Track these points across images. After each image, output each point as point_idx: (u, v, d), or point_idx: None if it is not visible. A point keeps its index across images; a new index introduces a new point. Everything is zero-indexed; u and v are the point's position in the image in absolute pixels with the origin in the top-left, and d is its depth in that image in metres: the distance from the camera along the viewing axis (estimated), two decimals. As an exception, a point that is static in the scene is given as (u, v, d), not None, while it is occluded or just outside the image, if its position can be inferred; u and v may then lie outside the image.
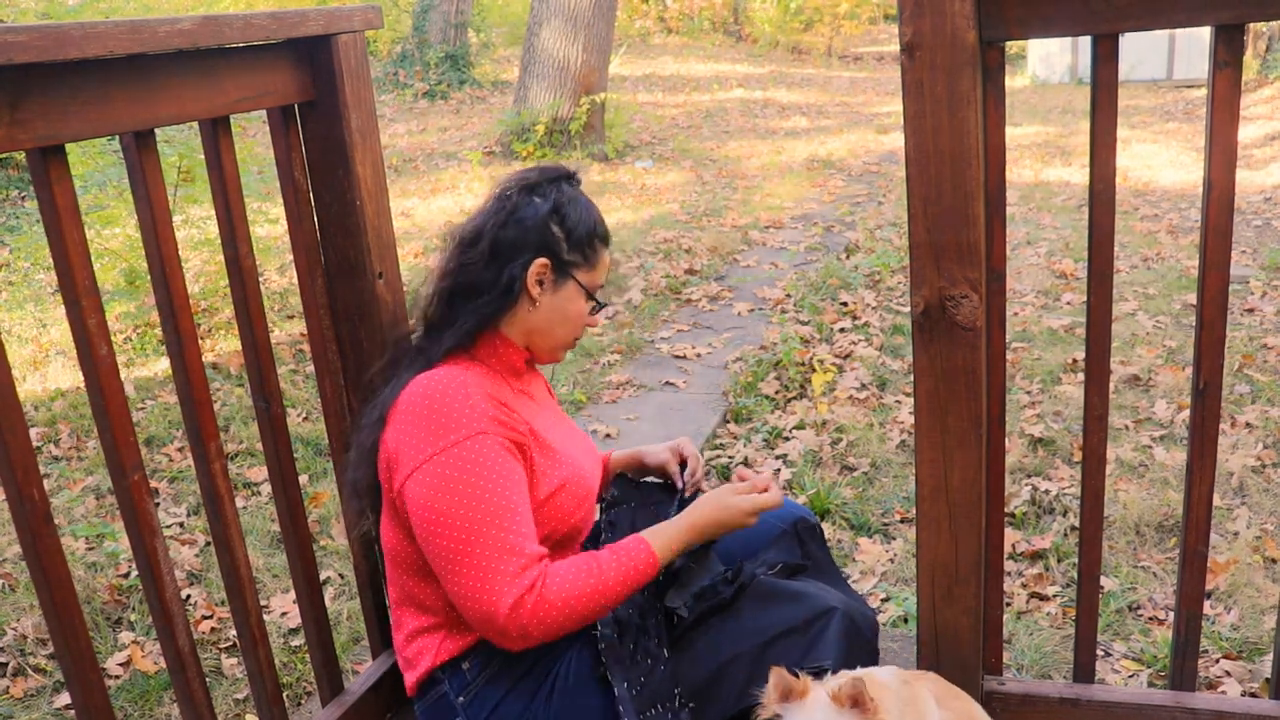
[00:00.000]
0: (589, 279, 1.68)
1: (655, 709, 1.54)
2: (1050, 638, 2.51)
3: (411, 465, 1.50)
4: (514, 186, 1.67)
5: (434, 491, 1.48)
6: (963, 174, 1.50)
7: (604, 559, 1.53)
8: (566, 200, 1.66)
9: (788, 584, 1.70)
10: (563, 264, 1.65)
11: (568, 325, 1.69)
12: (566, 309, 1.67)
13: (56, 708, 2.45)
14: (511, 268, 1.62)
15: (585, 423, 3.97)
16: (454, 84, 12.87)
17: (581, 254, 1.66)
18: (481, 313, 1.62)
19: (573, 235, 1.65)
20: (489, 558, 1.45)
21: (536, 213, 1.63)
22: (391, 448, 1.55)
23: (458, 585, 1.47)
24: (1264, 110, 10.61)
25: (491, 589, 1.44)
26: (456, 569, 1.47)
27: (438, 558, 1.49)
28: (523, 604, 1.44)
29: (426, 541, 1.50)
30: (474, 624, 1.49)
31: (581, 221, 1.66)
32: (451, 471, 1.48)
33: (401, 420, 1.54)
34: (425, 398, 1.53)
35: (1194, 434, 1.64)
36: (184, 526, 3.26)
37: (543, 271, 1.63)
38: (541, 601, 1.45)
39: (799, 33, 20.24)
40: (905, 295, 5.34)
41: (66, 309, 1.35)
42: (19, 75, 1.21)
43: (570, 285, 1.66)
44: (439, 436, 1.50)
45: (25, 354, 4.69)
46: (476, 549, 1.46)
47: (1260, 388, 3.86)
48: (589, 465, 1.75)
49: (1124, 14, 1.45)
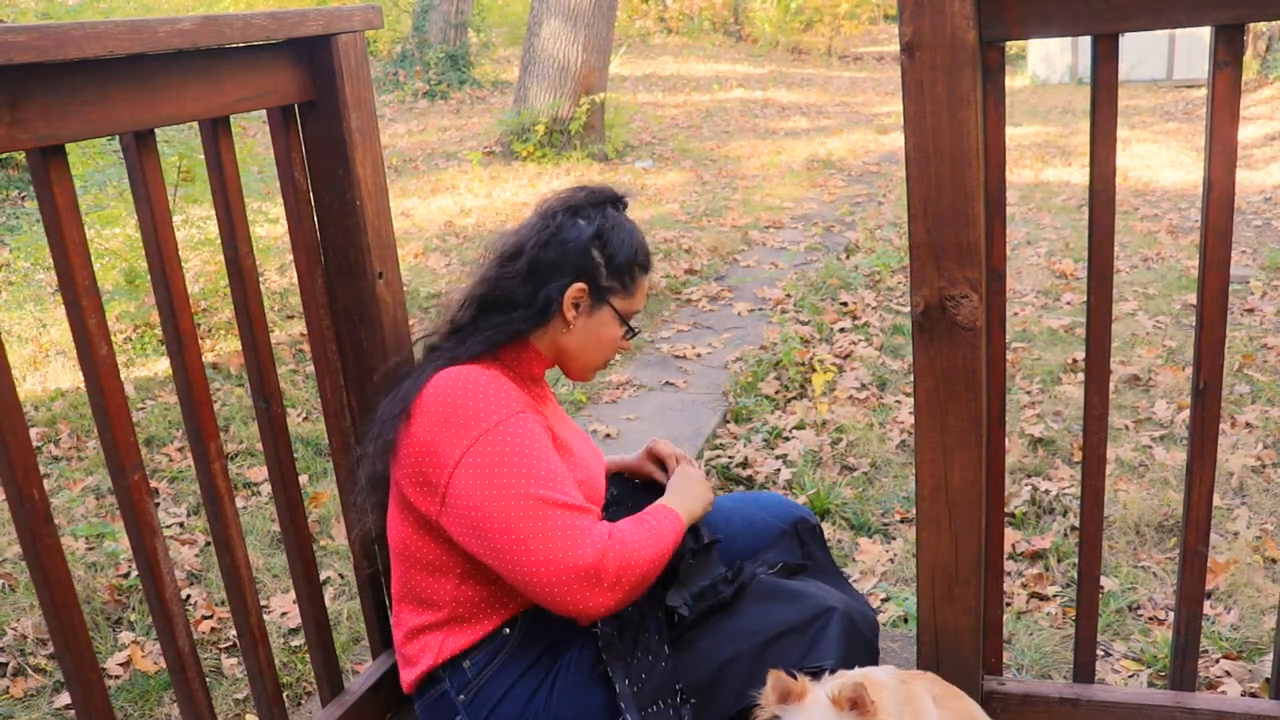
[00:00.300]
0: (625, 306, 1.68)
1: (657, 705, 1.54)
2: (1050, 638, 2.51)
3: (455, 457, 1.49)
4: (560, 206, 1.67)
5: (484, 476, 1.47)
6: (963, 174, 1.50)
7: (652, 521, 1.56)
8: (610, 226, 1.65)
9: (788, 584, 1.71)
10: (600, 290, 1.65)
11: (600, 349, 1.69)
12: (600, 333, 1.67)
13: (56, 708, 2.45)
14: (549, 289, 1.61)
15: (585, 423, 3.97)
16: (454, 84, 12.87)
17: (620, 281, 1.66)
18: (514, 327, 1.62)
19: (613, 262, 1.64)
20: (558, 520, 1.44)
21: (580, 236, 1.63)
22: (424, 445, 1.53)
23: (530, 562, 1.43)
24: (1264, 110, 10.61)
25: (571, 547, 1.43)
26: (526, 544, 1.43)
27: (502, 542, 1.45)
28: (608, 554, 1.44)
29: (486, 526, 1.46)
30: (557, 596, 1.44)
31: (623, 248, 1.65)
32: (498, 452, 1.47)
33: (431, 416, 1.53)
34: (454, 391, 1.53)
35: (1194, 434, 1.64)
36: (184, 526, 3.26)
37: (580, 296, 1.63)
38: (623, 550, 1.46)
39: (799, 33, 20.25)
40: (905, 295, 5.34)
41: (66, 309, 1.35)
42: (19, 75, 1.21)
43: (606, 311, 1.66)
44: (476, 423, 1.49)
45: (25, 354, 4.69)
46: (543, 518, 1.44)
47: (1260, 388, 3.86)
48: (597, 468, 1.76)
49: (1124, 14, 1.45)
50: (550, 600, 1.44)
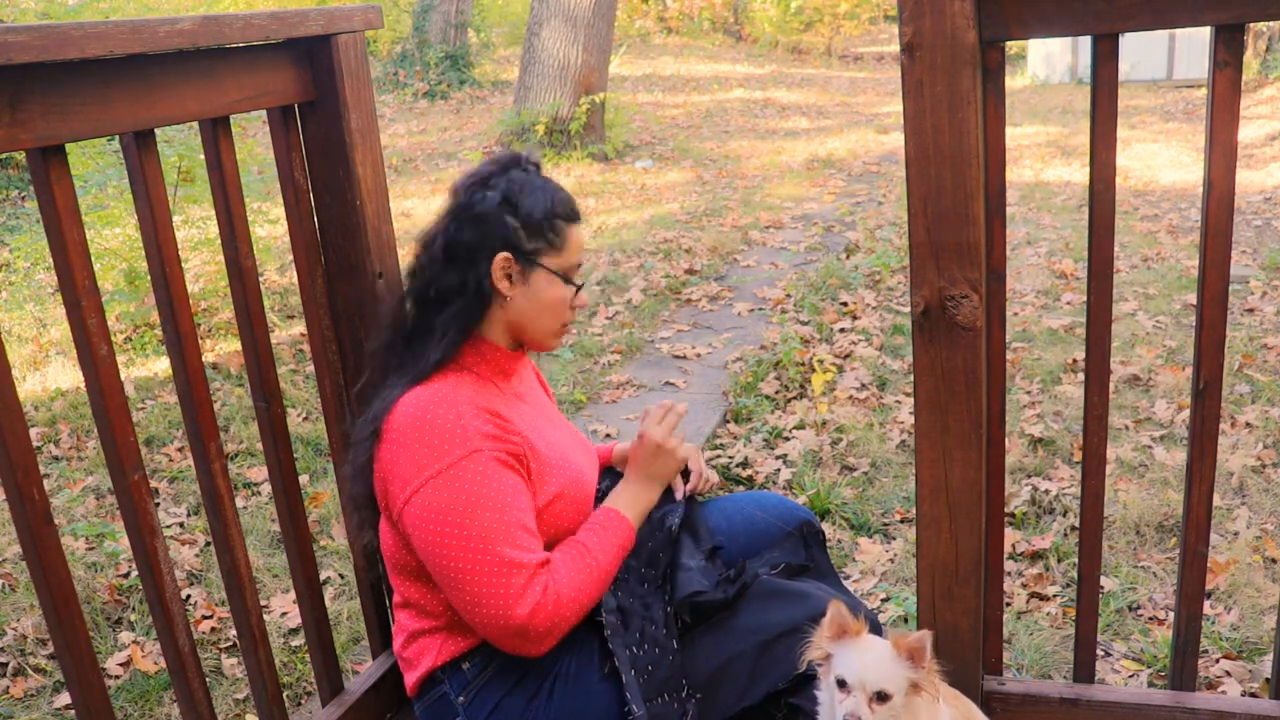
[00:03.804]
0: (559, 262, 1.62)
1: (662, 698, 1.55)
2: (1050, 638, 2.51)
3: (409, 490, 1.50)
4: (464, 183, 1.63)
5: (432, 515, 1.48)
6: (963, 174, 1.50)
7: (592, 543, 1.59)
8: (517, 188, 1.59)
9: (790, 584, 1.71)
10: (525, 254, 1.59)
11: (549, 313, 1.64)
12: (542, 297, 1.62)
13: (56, 708, 2.45)
14: (476, 268, 1.58)
15: (585, 423, 3.96)
16: (454, 84, 12.87)
17: (544, 239, 1.60)
18: (460, 321, 1.59)
19: (530, 221, 1.59)
20: (495, 576, 1.47)
21: (489, 205, 1.58)
22: (387, 469, 1.55)
23: (468, 604, 1.49)
24: (1264, 110, 10.61)
25: (504, 604, 1.47)
26: (465, 589, 1.48)
27: (444, 579, 1.51)
28: (539, 611, 1.48)
29: (431, 563, 1.51)
30: (491, 638, 1.52)
31: (536, 206, 1.59)
32: (448, 495, 1.48)
33: (395, 441, 1.53)
34: (416, 419, 1.52)
35: (1194, 434, 1.64)
36: (184, 526, 3.26)
37: (506, 265, 1.59)
38: (556, 603, 1.50)
39: (799, 33, 20.25)
40: (905, 295, 5.34)
41: (66, 309, 1.35)
42: (19, 75, 1.21)
43: (540, 273, 1.61)
44: (433, 460, 1.49)
45: (25, 354, 4.69)
46: (482, 570, 1.47)
47: (1260, 388, 3.86)
48: (586, 467, 1.75)
49: (1124, 14, 1.45)
50: (487, 638, 1.54)
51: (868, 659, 1.40)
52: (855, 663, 1.40)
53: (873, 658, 1.41)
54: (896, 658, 1.40)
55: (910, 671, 1.40)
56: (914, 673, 1.40)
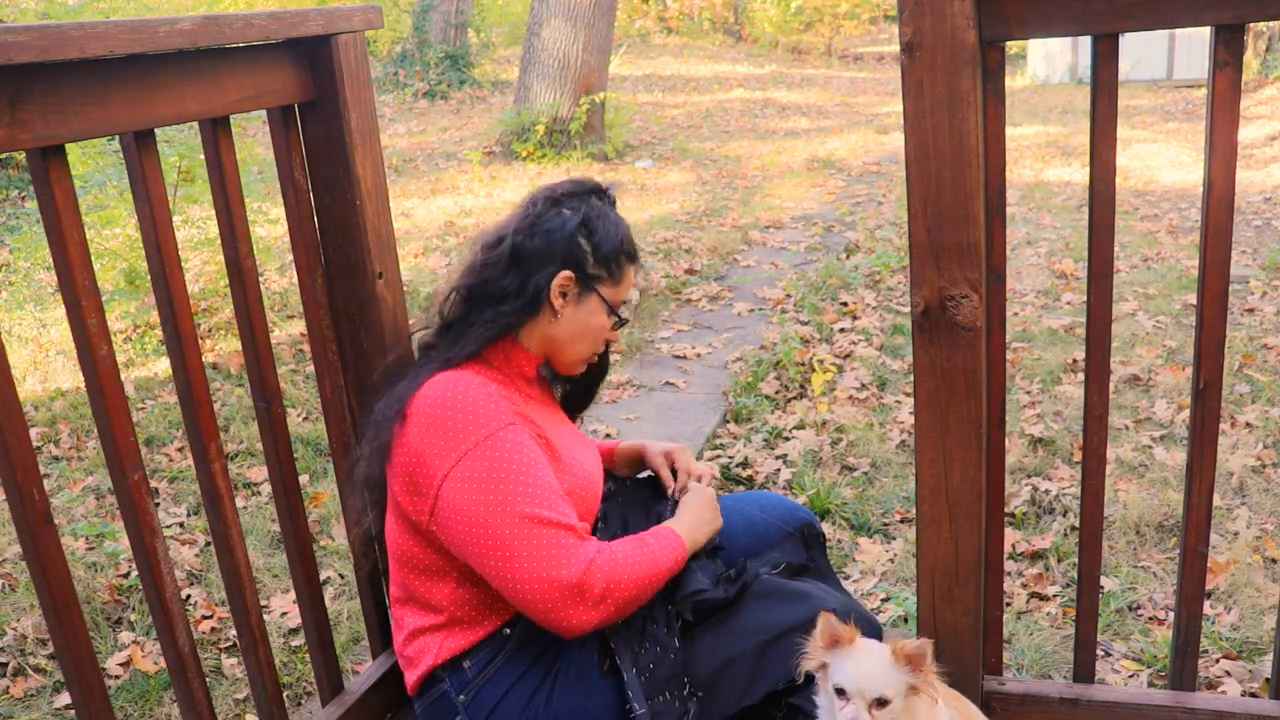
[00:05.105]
0: (612, 294, 1.69)
1: (664, 696, 1.55)
2: (1050, 638, 2.51)
3: (444, 469, 1.50)
4: (541, 195, 1.69)
5: (474, 486, 1.48)
6: (963, 174, 1.50)
7: (651, 541, 1.57)
8: (596, 215, 1.66)
9: (790, 584, 1.71)
10: (587, 278, 1.65)
11: (588, 338, 1.70)
12: (588, 322, 1.68)
13: (56, 708, 2.45)
14: (537, 278, 1.62)
15: (585, 423, 3.97)
16: (454, 84, 12.87)
17: (607, 269, 1.67)
18: (504, 320, 1.63)
19: (600, 250, 1.65)
20: (545, 536, 1.46)
21: (565, 224, 1.64)
22: (417, 450, 1.53)
23: (516, 573, 1.46)
24: (1264, 110, 10.61)
25: (556, 563, 1.45)
26: (513, 555, 1.46)
27: (489, 551, 1.47)
28: (594, 570, 1.46)
29: (473, 539, 1.48)
30: (540, 612, 1.47)
31: (609, 237, 1.66)
32: (488, 464, 1.48)
33: (423, 424, 1.53)
34: (449, 397, 1.53)
35: (1194, 434, 1.64)
36: (184, 526, 3.26)
37: (567, 284, 1.64)
38: (612, 565, 1.48)
39: (799, 33, 20.25)
40: (905, 295, 5.34)
41: (66, 309, 1.35)
42: (19, 75, 1.21)
43: (593, 299, 1.67)
44: (467, 435, 1.50)
45: (25, 354, 4.69)
46: (530, 532, 1.46)
47: (1260, 388, 3.86)
48: (595, 470, 1.76)
49: (1124, 14, 1.45)
50: (536, 613, 1.47)
51: (865, 667, 1.40)
52: (853, 670, 1.40)
53: (870, 665, 1.41)
54: (894, 662, 1.40)
55: (909, 676, 1.40)
56: (912, 677, 1.40)
